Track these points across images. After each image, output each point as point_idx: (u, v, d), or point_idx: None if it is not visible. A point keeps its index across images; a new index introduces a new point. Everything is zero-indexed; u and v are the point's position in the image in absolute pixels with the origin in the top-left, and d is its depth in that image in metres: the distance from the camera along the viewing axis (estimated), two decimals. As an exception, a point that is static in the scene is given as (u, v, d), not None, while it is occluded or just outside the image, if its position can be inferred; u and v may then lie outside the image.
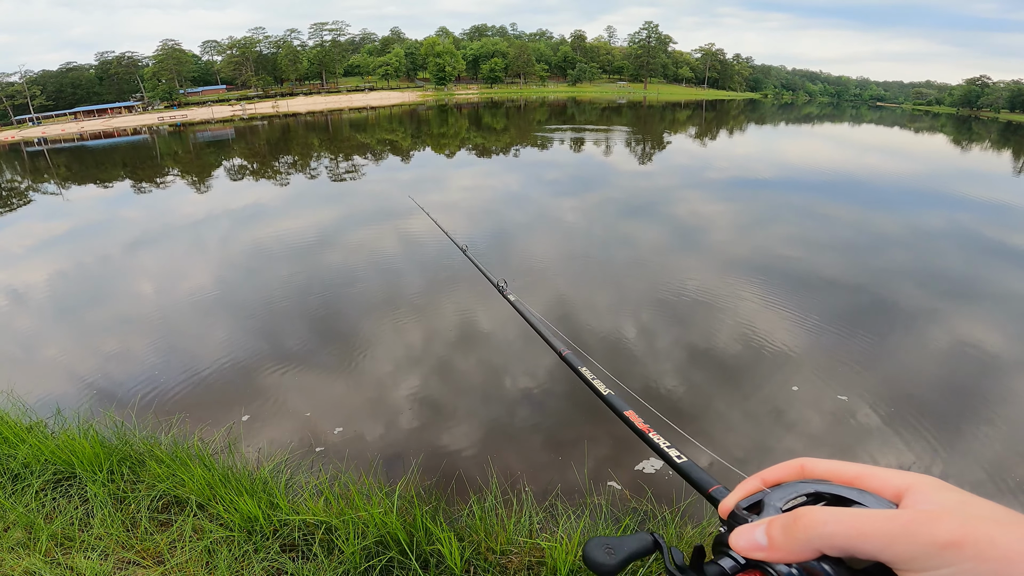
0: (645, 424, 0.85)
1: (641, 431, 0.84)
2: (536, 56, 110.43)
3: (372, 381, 5.17)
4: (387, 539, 2.57)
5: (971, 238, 10.30)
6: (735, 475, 2.27)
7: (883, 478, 0.41)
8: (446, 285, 7.44)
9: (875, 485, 0.41)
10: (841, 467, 0.44)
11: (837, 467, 0.45)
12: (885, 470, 0.42)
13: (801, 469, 0.46)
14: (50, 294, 8.08)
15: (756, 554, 0.40)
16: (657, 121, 46.20)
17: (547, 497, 3.41)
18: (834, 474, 0.44)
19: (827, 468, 0.45)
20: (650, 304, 6.85)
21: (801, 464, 0.47)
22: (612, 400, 0.96)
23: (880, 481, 0.41)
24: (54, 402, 4.42)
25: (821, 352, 5.58)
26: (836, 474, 0.44)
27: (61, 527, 2.71)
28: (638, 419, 0.87)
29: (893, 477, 0.41)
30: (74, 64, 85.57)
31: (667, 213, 12.37)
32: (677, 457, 0.74)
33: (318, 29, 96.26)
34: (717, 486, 0.63)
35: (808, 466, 0.46)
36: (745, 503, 0.46)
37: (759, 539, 0.40)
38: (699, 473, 0.68)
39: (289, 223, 11.68)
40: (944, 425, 4.42)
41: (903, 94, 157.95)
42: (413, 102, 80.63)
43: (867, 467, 0.43)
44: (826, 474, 0.45)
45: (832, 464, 0.45)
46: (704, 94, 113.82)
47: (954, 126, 58.49)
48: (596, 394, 1.01)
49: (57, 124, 69.82)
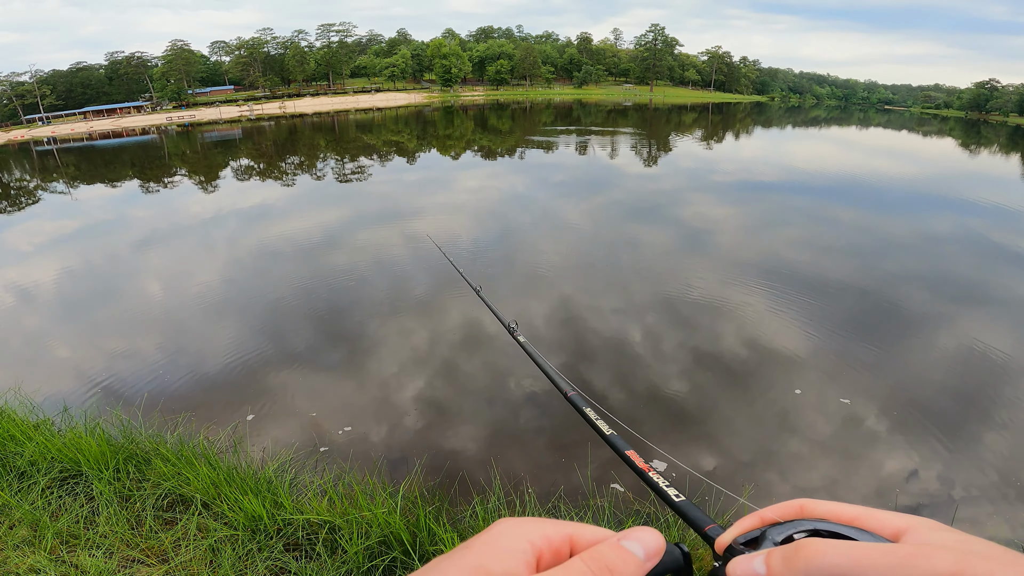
0: (645, 463, 0.90)
1: (641, 470, 0.89)
2: (542, 58, 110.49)
3: (377, 382, 5.18)
4: (390, 539, 2.58)
5: (979, 242, 10.23)
6: (737, 477, 2.26)
7: (881, 519, 0.41)
8: (449, 285, 7.44)
9: (873, 525, 0.41)
10: (840, 508, 0.44)
11: (836, 508, 0.44)
12: (884, 512, 0.42)
13: (800, 509, 0.46)
14: (59, 292, 8.14)
15: None
16: (663, 124, 46.14)
17: (550, 499, 3.41)
18: (833, 515, 0.44)
19: (827, 509, 0.45)
20: (654, 308, 6.84)
21: (801, 504, 0.46)
22: (614, 440, 1.02)
23: (878, 522, 0.41)
24: (61, 400, 4.46)
25: (827, 356, 5.56)
26: (835, 515, 0.44)
27: (66, 525, 2.73)
28: (638, 459, 0.92)
29: (892, 518, 0.41)
30: (84, 64, 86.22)
31: (673, 216, 12.35)
32: (676, 496, 0.78)
33: (325, 30, 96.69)
34: (713, 525, 0.65)
35: (808, 507, 0.46)
36: (743, 539, 0.46)
37: (757, 569, 0.39)
38: (695, 512, 0.70)
39: (294, 225, 11.73)
40: (952, 429, 4.39)
41: (911, 97, 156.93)
42: (419, 103, 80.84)
43: (866, 509, 0.43)
44: (826, 515, 0.44)
45: (832, 505, 0.45)
46: (710, 97, 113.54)
47: (963, 130, 58.13)
48: (599, 434, 1.07)
49: (67, 124, 70.37)
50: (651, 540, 0.38)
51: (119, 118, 73.98)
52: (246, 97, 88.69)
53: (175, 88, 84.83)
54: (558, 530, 0.38)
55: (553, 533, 0.38)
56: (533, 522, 0.38)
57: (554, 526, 0.38)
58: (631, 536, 0.38)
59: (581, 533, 0.39)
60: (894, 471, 3.97)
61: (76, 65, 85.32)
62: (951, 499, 3.71)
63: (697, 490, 3.45)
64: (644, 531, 0.39)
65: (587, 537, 0.39)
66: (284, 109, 76.90)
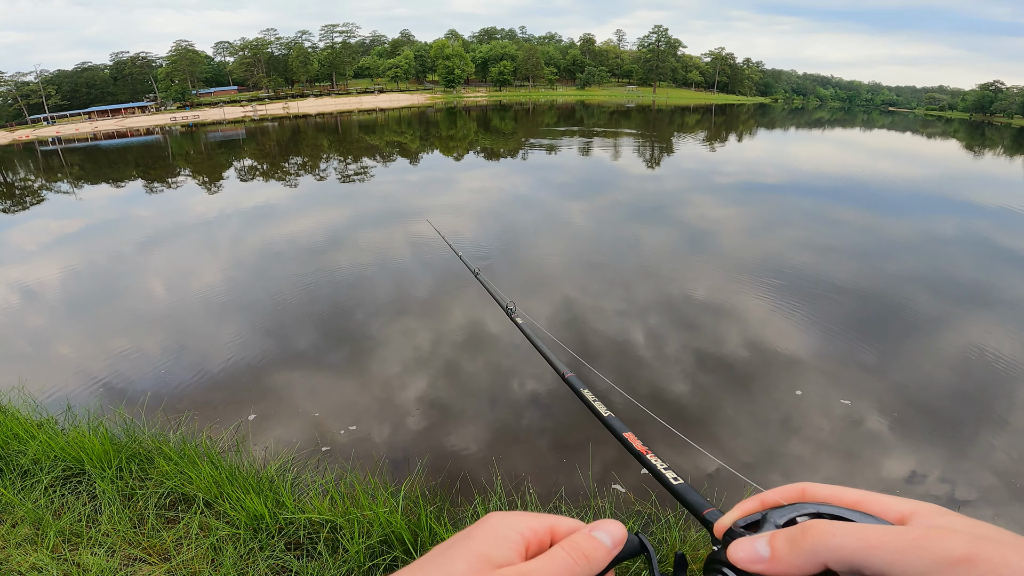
0: (643, 446, 0.88)
1: (639, 452, 0.87)
2: (545, 59, 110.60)
3: (379, 382, 5.19)
4: (391, 538, 2.58)
5: (983, 244, 10.19)
6: (739, 480, 2.26)
7: (886, 503, 0.40)
8: (452, 286, 7.45)
9: (877, 510, 0.40)
10: (843, 492, 0.43)
11: (839, 492, 0.44)
12: (888, 496, 0.41)
13: (802, 493, 0.45)
14: (63, 291, 8.17)
15: (756, 566, 0.38)
16: (666, 125, 46.10)
17: (551, 499, 3.41)
18: (836, 499, 0.43)
19: (829, 493, 0.44)
20: (656, 308, 6.83)
21: (802, 488, 0.45)
22: (611, 422, 1.00)
23: (883, 506, 0.40)
24: (65, 399, 4.47)
25: (829, 356, 5.55)
26: (838, 499, 0.43)
27: (69, 523, 2.74)
28: (636, 441, 0.90)
29: (897, 503, 0.40)
30: (89, 64, 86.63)
31: (676, 217, 12.34)
32: (674, 479, 0.76)
33: (329, 31, 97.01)
34: (711, 509, 0.63)
35: (809, 490, 0.45)
36: (743, 522, 0.45)
37: (761, 550, 0.38)
38: (694, 496, 0.69)
39: (297, 225, 11.75)
40: (953, 429, 4.38)
41: (916, 99, 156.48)
42: (422, 104, 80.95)
43: (869, 493, 0.42)
44: (828, 498, 0.44)
45: (834, 489, 0.44)
46: (713, 98, 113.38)
47: (967, 131, 57.94)
48: (596, 415, 1.05)
49: (71, 124, 70.70)
50: (616, 530, 0.43)
51: (123, 118, 74.28)
52: (250, 98, 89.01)
53: (179, 88, 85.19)
54: (541, 522, 0.42)
55: (537, 525, 0.42)
56: (520, 515, 0.42)
57: (537, 519, 0.42)
58: (600, 527, 0.43)
59: (559, 524, 0.43)
60: (894, 472, 3.96)
61: (81, 65, 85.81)
62: (952, 500, 3.70)
63: (700, 488, 3.44)
64: (610, 523, 0.43)
65: (564, 528, 0.43)
66: (288, 110, 77.09)
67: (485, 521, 0.41)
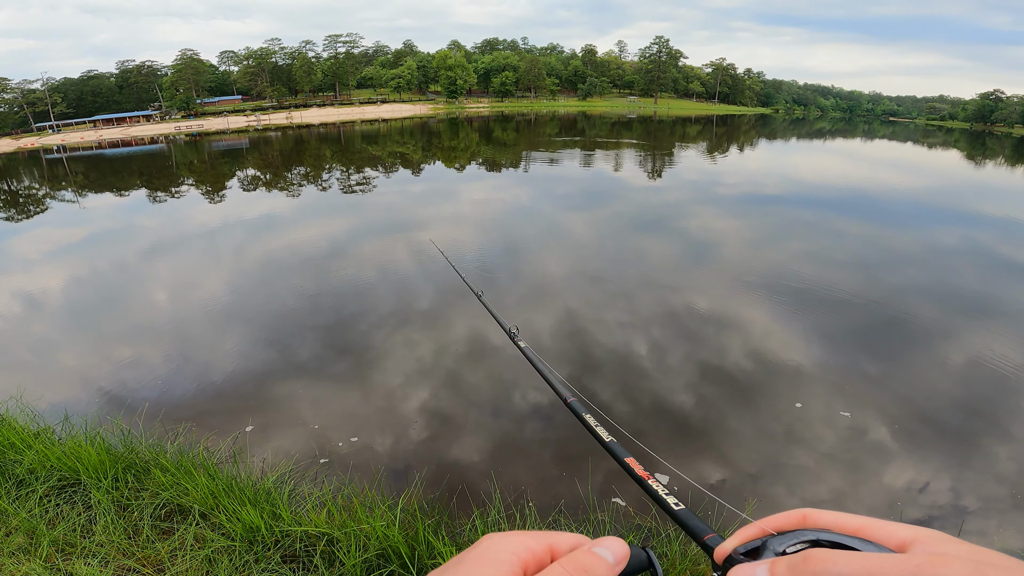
0: (644, 471, 0.88)
1: (640, 477, 0.87)
2: (547, 70, 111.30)
3: (379, 393, 5.16)
4: (388, 552, 2.55)
5: (985, 255, 10.16)
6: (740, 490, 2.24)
7: (887, 530, 0.40)
8: (454, 298, 7.44)
9: (879, 537, 0.40)
10: (844, 518, 0.43)
11: (840, 518, 0.43)
12: (890, 523, 0.41)
13: (803, 519, 0.45)
14: (64, 300, 8.18)
15: None
16: (668, 136, 46.26)
17: (550, 512, 3.37)
18: (837, 525, 0.43)
19: (830, 519, 0.43)
20: (658, 320, 6.82)
21: (804, 514, 0.45)
22: (613, 447, 1.00)
23: (884, 533, 0.40)
24: (63, 408, 4.45)
25: (831, 368, 5.52)
26: (839, 525, 0.43)
27: (63, 533, 2.72)
28: (638, 466, 0.90)
29: (898, 530, 0.40)
30: (95, 72, 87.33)
31: (678, 228, 12.34)
32: (675, 504, 0.77)
33: (332, 41, 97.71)
34: (712, 534, 0.63)
35: (810, 516, 0.44)
36: (743, 548, 0.45)
37: None
38: (695, 521, 0.69)
39: (299, 235, 11.78)
40: (957, 440, 4.34)
41: (916, 109, 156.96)
42: (424, 115, 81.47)
43: (871, 519, 0.42)
44: (829, 524, 0.43)
45: (835, 515, 0.43)
46: (715, 109, 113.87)
47: (968, 141, 58.02)
48: (598, 440, 1.05)
49: (76, 132, 71.17)
50: (618, 548, 0.41)
51: (128, 127, 74.77)
52: (253, 107, 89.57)
53: (184, 97, 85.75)
54: (539, 541, 0.41)
55: (534, 544, 0.40)
56: (516, 535, 0.41)
57: (535, 537, 0.41)
58: (602, 544, 0.41)
59: (559, 541, 0.42)
60: (898, 483, 3.91)
61: (87, 73, 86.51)
62: (957, 510, 3.65)
63: (700, 504, 3.41)
64: (612, 540, 0.42)
65: (565, 545, 0.42)
66: (291, 120, 77.56)
67: (479, 544, 0.40)
